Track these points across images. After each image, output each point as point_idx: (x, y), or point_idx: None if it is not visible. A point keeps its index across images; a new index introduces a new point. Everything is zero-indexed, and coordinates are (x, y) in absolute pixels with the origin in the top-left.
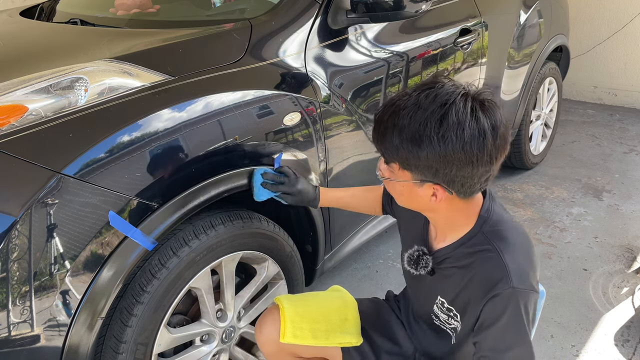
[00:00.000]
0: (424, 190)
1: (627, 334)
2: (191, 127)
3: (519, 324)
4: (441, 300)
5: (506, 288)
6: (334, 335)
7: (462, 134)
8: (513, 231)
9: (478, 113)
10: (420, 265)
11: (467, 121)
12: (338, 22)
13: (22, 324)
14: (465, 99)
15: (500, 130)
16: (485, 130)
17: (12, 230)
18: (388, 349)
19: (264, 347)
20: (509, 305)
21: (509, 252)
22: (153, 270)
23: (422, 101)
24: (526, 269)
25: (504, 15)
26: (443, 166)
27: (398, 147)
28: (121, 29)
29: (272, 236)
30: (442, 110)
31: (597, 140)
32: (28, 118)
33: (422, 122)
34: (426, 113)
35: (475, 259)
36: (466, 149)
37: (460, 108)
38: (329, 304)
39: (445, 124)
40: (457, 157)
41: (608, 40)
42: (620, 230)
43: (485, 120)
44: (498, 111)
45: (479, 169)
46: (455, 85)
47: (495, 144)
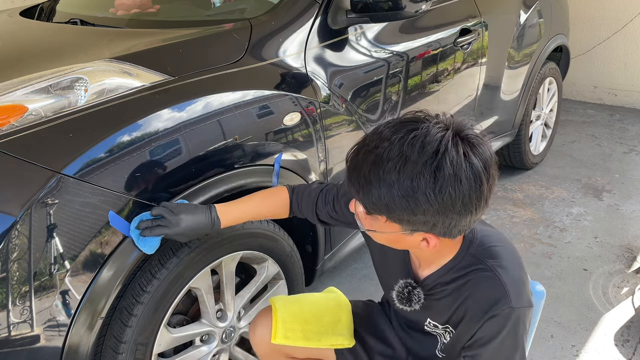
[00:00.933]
0: (413, 238)
1: (627, 334)
2: (191, 127)
3: (516, 341)
4: (433, 323)
5: (505, 308)
6: (326, 336)
7: (459, 186)
8: (501, 245)
9: (471, 158)
10: (413, 302)
11: (462, 170)
12: (338, 22)
13: (22, 324)
14: (455, 143)
15: (491, 169)
16: (481, 175)
17: (12, 230)
18: (381, 351)
19: (258, 347)
20: (507, 324)
21: (503, 269)
22: (153, 270)
23: (409, 152)
24: (522, 285)
25: (504, 15)
26: (441, 220)
27: (388, 204)
28: (121, 29)
29: (272, 236)
30: (434, 162)
31: (597, 140)
32: (28, 118)
33: (415, 178)
34: (417, 167)
35: (469, 279)
36: (465, 200)
37: (454, 157)
38: (322, 306)
39: (440, 177)
40: (456, 210)
41: (608, 40)
42: (620, 230)
43: (478, 164)
44: (486, 146)
45: (477, 215)
46: (440, 126)
47: (489, 185)
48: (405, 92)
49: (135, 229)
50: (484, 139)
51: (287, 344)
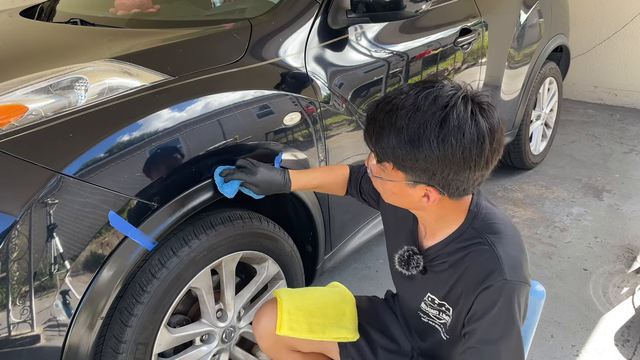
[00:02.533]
0: (416, 191)
1: (627, 334)
2: (191, 127)
3: (510, 316)
4: (431, 297)
5: (499, 280)
6: (330, 329)
7: (462, 138)
8: (504, 224)
9: (478, 117)
10: (411, 266)
11: (467, 125)
12: (338, 22)
13: (22, 324)
14: (465, 102)
15: (497, 134)
16: (484, 134)
17: (12, 230)
18: (385, 346)
19: (261, 339)
20: (501, 297)
21: (501, 245)
22: (153, 270)
23: (421, 102)
24: (519, 261)
25: (504, 15)
26: (440, 169)
27: (395, 148)
28: (121, 29)
29: (272, 236)
30: (442, 113)
31: (597, 140)
32: (28, 118)
33: (422, 124)
34: (426, 115)
35: (467, 252)
36: (465, 153)
37: (461, 111)
38: (327, 299)
39: (445, 127)
40: (456, 162)
41: (608, 40)
42: (621, 230)
43: (484, 124)
44: (496, 114)
45: (476, 173)
46: (454, 86)
47: (492, 148)
48: None
49: (218, 176)
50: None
51: (291, 335)
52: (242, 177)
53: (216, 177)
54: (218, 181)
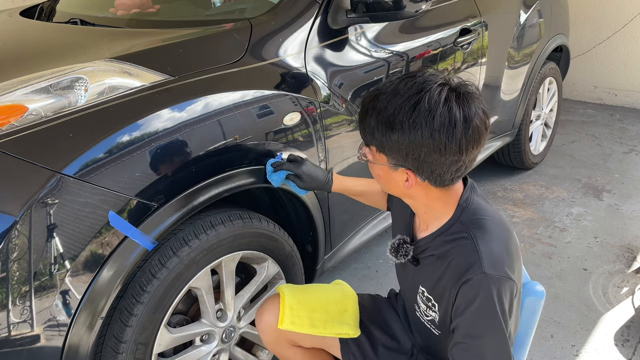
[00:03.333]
0: (398, 175)
1: (627, 334)
2: (191, 127)
3: (491, 311)
4: (422, 289)
5: (477, 273)
6: (331, 325)
7: (431, 121)
8: (491, 220)
9: (451, 103)
10: (399, 254)
11: (438, 109)
12: (338, 22)
13: (22, 323)
14: (441, 88)
15: (473, 122)
16: (456, 120)
17: (12, 230)
18: (385, 343)
19: (264, 334)
20: (481, 291)
21: (483, 240)
22: (153, 270)
23: (401, 88)
24: (500, 256)
25: (504, 15)
26: (412, 151)
27: (374, 130)
28: (121, 29)
29: (272, 236)
30: (416, 97)
31: (597, 140)
32: (28, 118)
33: (397, 107)
34: (402, 99)
35: (452, 246)
36: (434, 136)
37: (434, 96)
38: (329, 295)
39: (417, 110)
40: (425, 143)
41: (608, 40)
42: (620, 230)
43: (457, 111)
44: (475, 104)
45: (447, 157)
46: (435, 75)
47: (467, 135)
48: None
49: (269, 166)
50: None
51: (293, 330)
52: (291, 168)
53: (268, 166)
54: (268, 170)
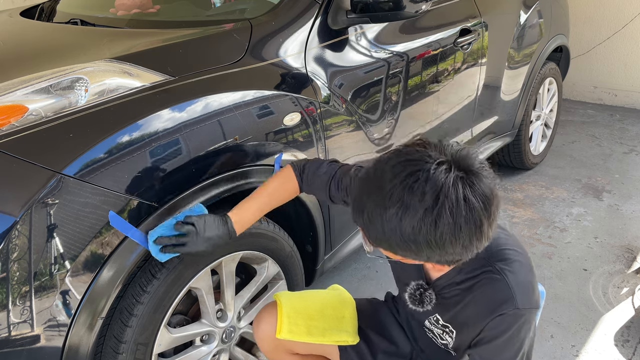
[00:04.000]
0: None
1: (627, 334)
2: (191, 127)
3: (519, 342)
4: (436, 317)
5: (511, 309)
6: (330, 332)
7: (459, 233)
8: (510, 249)
9: (471, 202)
10: (425, 302)
11: (462, 217)
12: (338, 22)
13: (22, 324)
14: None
15: (492, 204)
16: (481, 217)
17: (13, 231)
18: (385, 349)
19: (262, 343)
20: (513, 325)
21: (512, 273)
22: (153, 270)
23: (409, 199)
24: (529, 288)
25: (504, 16)
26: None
27: (390, 245)
28: (121, 29)
29: (272, 236)
30: (434, 210)
31: (597, 140)
32: (28, 118)
33: (416, 226)
34: (417, 214)
35: (477, 281)
36: (465, 243)
37: (454, 204)
38: (326, 302)
39: (440, 225)
40: (457, 252)
41: (608, 40)
42: (620, 230)
43: (479, 206)
44: (487, 179)
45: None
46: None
47: (490, 221)
48: (405, 93)
49: (153, 244)
50: (485, 170)
51: (291, 339)
52: (184, 251)
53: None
54: (153, 250)
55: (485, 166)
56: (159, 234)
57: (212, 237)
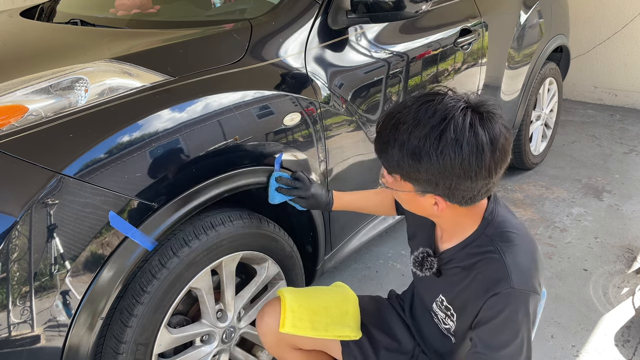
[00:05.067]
0: (426, 200)
1: (628, 334)
2: (191, 127)
3: (515, 325)
4: (442, 298)
5: (506, 288)
6: (333, 327)
7: (460, 151)
8: (516, 233)
9: (477, 128)
10: (425, 267)
11: (465, 137)
12: (338, 22)
13: (22, 324)
14: (464, 113)
15: (499, 143)
16: (484, 145)
17: (13, 231)
18: (387, 345)
19: (265, 337)
20: (508, 305)
21: (511, 254)
22: (153, 270)
23: (422, 116)
24: (528, 271)
25: (504, 16)
26: (442, 180)
27: (399, 161)
28: (121, 30)
29: (273, 236)
30: (440, 126)
31: (597, 140)
32: (28, 118)
33: (422, 138)
34: (425, 129)
35: (478, 259)
36: (464, 165)
37: (459, 124)
38: (330, 298)
39: (443, 140)
40: (456, 173)
41: (608, 40)
42: (621, 230)
43: (483, 135)
44: (498, 123)
45: (478, 182)
46: (455, 97)
47: (495, 158)
48: (405, 93)
49: (274, 181)
50: (499, 117)
51: (294, 333)
52: (297, 194)
53: (271, 185)
54: (271, 189)
55: (500, 114)
56: (281, 174)
57: (317, 193)
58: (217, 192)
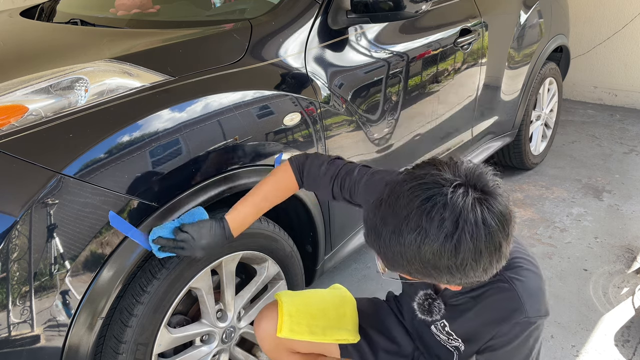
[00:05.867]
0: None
1: (627, 334)
2: (191, 127)
3: (527, 349)
4: (444, 323)
5: (521, 318)
6: (330, 331)
7: (480, 257)
8: (519, 257)
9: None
10: (434, 313)
11: (482, 241)
12: (338, 22)
13: (22, 324)
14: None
15: (509, 227)
16: (500, 240)
17: (13, 231)
18: (386, 348)
19: (263, 342)
20: (522, 333)
21: (520, 282)
22: (153, 270)
23: (427, 226)
24: (539, 297)
25: (504, 16)
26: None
27: (409, 270)
28: (121, 29)
29: (272, 236)
30: (454, 236)
31: (597, 140)
32: (28, 118)
33: (436, 252)
34: (437, 241)
35: (486, 289)
36: (486, 266)
37: (473, 229)
38: (327, 301)
39: (461, 250)
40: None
41: (608, 40)
42: (621, 230)
43: (497, 227)
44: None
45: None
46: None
47: (508, 243)
48: (405, 93)
49: (153, 243)
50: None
51: (292, 337)
52: (182, 254)
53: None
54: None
55: (499, 183)
56: (159, 234)
57: (209, 243)
58: (216, 192)
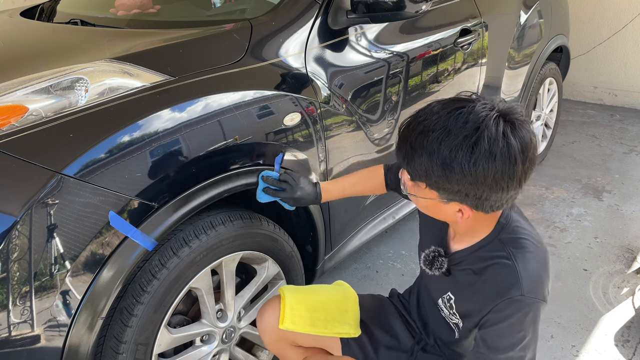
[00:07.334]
0: (450, 207)
1: (627, 334)
2: (191, 127)
3: (521, 332)
4: (449, 295)
5: (517, 295)
6: (332, 325)
7: (493, 162)
8: (530, 239)
9: (509, 138)
10: (434, 266)
11: (498, 148)
12: (338, 22)
13: (23, 324)
14: (496, 123)
15: (529, 152)
16: (516, 155)
17: (13, 231)
18: (386, 343)
19: (265, 334)
20: (516, 311)
21: (523, 261)
22: (153, 270)
23: (452, 125)
24: (538, 279)
25: (504, 16)
26: (473, 191)
27: (427, 171)
28: (121, 29)
29: (273, 236)
30: (473, 136)
31: (597, 140)
32: (28, 118)
33: (454, 148)
34: (457, 139)
35: (489, 263)
36: (497, 176)
37: (492, 133)
38: (330, 295)
39: (477, 151)
40: (488, 184)
41: (608, 40)
42: (621, 230)
43: (516, 145)
44: (528, 131)
45: (509, 192)
46: (485, 105)
47: (525, 167)
48: (405, 93)
49: (262, 180)
50: (528, 124)
51: (294, 329)
52: (283, 196)
53: (259, 184)
54: (259, 189)
55: (528, 120)
56: (268, 174)
57: (302, 195)
58: (217, 192)
